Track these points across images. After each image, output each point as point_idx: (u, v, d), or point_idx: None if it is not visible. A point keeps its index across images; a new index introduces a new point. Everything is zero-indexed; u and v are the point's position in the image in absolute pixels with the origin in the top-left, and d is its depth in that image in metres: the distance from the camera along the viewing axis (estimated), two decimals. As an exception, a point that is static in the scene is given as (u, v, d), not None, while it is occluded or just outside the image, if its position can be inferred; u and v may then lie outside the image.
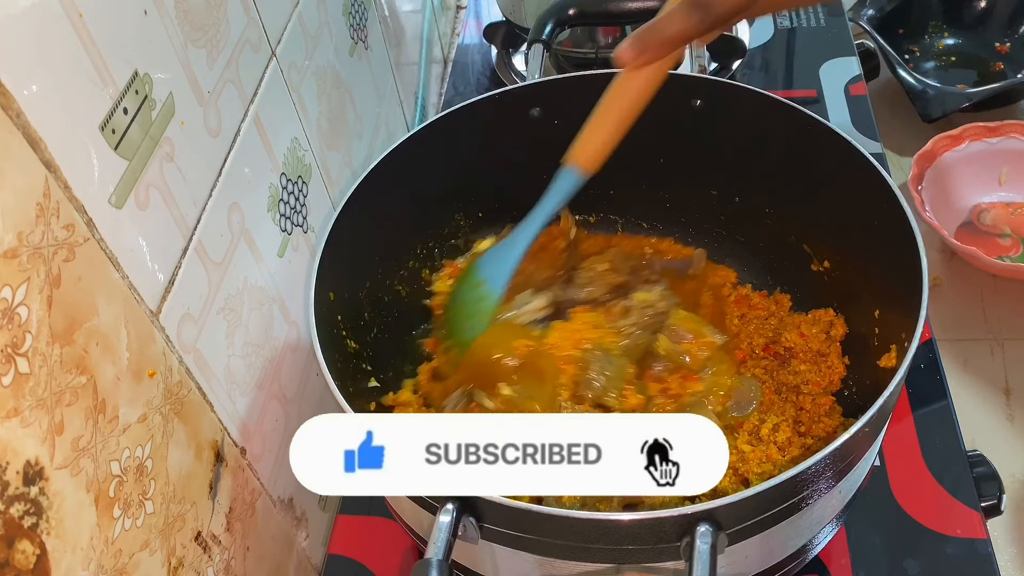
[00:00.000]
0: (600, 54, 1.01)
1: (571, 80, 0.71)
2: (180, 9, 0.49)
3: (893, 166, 1.53)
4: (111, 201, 0.42)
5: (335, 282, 0.59)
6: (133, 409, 0.43)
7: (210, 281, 0.52)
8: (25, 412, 0.35)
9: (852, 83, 1.01)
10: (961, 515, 0.64)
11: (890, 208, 0.56)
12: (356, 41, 0.81)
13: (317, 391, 0.69)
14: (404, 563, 0.66)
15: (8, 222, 0.34)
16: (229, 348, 0.55)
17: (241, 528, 0.56)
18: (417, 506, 0.50)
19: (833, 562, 0.62)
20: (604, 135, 0.57)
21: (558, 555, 0.47)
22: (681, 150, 0.71)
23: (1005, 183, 1.46)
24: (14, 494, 0.34)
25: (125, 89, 0.43)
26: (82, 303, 0.39)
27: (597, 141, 0.57)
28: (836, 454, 0.45)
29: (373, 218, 0.64)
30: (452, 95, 1.09)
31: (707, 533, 0.42)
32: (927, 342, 0.74)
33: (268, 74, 0.61)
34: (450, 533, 0.43)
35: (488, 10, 1.22)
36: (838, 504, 0.53)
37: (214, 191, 0.53)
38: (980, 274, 1.39)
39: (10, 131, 0.35)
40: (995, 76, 1.62)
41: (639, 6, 0.84)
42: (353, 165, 0.79)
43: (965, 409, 0.73)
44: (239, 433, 0.56)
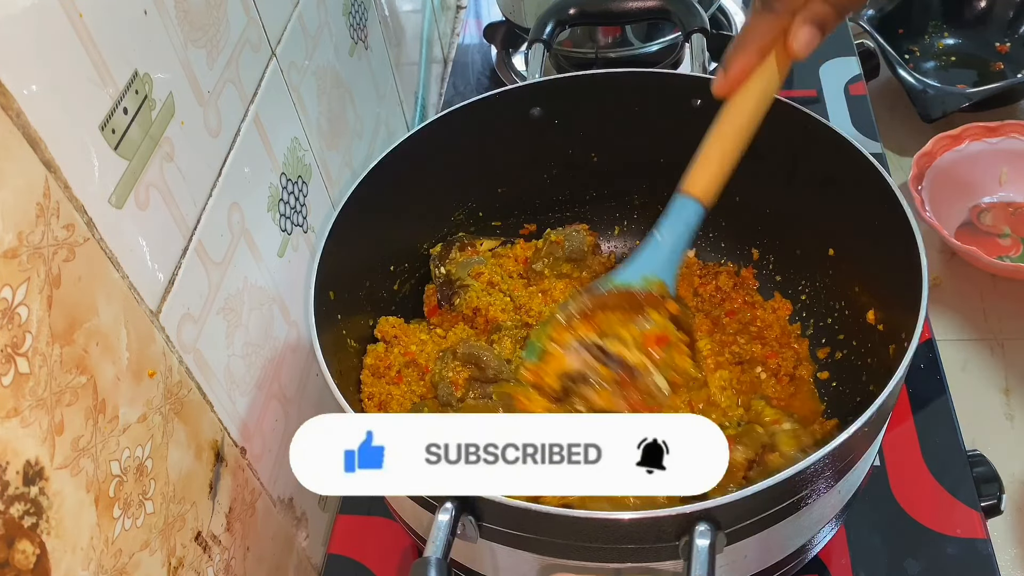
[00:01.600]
0: (600, 54, 1.01)
1: (571, 80, 0.71)
2: (180, 9, 0.49)
3: (893, 166, 1.53)
4: (111, 201, 0.42)
5: (335, 282, 0.59)
6: (133, 409, 0.43)
7: (210, 281, 0.52)
8: (25, 412, 0.35)
9: (852, 83, 1.01)
10: (961, 515, 0.64)
11: (890, 208, 0.56)
12: (356, 41, 0.81)
13: (317, 391, 0.69)
14: (404, 562, 0.66)
15: (8, 222, 0.35)
16: (229, 348, 0.55)
17: (241, 528, 0.56)
18: (416, 505, 0.50)
19: (833, 562, 0.62)
20: (717, 164, 0.53)
21: (557, 554, 0.47)
22: (681, 150, 0.71)
23: (1005, 183, 1.46)
24: (14, 494, 0.35)
25: (125, 89, 0.43)
26: (82, 303, 0.39)
27: (711, 170, 0.53)
28: (835, 454, 0.45)
29: (373, 218, 0.64)
30: (452, 95, 1.09)
31: (706, 532, 0.42)
32: (927, 342, 0.74)
33: (268, 74, 0.61)
34: (449, 532, 0.43)
35: (488, 10, 1.22)
36: (837, 504, 0.53)
37: (214, 191, 0.53)
38: (980, 274, 1.38)
39: (10, 131, 0.35)
40: (995, 76, 1.62)
41: (639, 6, 0.84)
42: (353, 165, 0.79)
43: (965, 409, 0.73)
44: (239, 433, 0.56)
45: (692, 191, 0.53)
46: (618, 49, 1.01)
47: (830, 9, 0.48)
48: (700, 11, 0.81)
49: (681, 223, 0.54)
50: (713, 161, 0.53)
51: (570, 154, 0.74)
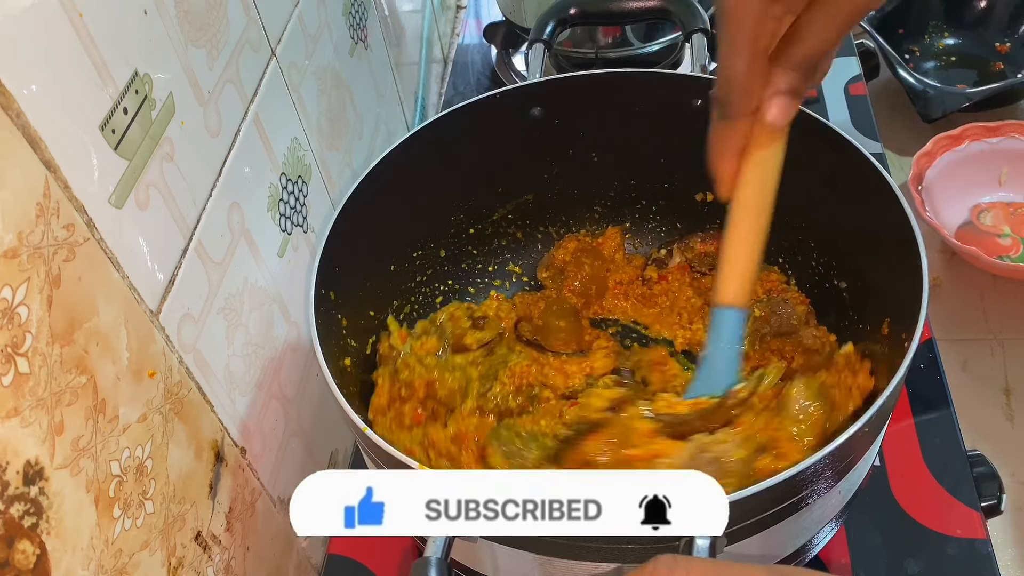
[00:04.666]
0: (600, 54, 1.01)
1: (571, 80, 0.71)
2: (180, 9, 0.49)
3: (893, 166, 1.53)
4: (111, 201, 0.42)
5: (335, 282, 0.59)
6: (133, 409, 0.43)
7: (210, 281, 0.52)
8: (25, 412, 0.35)
9: (852, 83, 1.01)
10: (961, 515, 0.64)
11: (890, 208, 0.56)
12: (356, 41, 0.81)
13: (317, 391, 0.69)
14: (404, 563, 0.66)
15: (8, 222, 0.35)
16: (229, 348, 0.55)
17: (241, 528, 0.56)
18: (417, 506, 0.50)
19: (833, 562, 0.62)
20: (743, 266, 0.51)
21: (557, 554, 0.47)
22: (681, 150, 0.71)
23: (1005, 183, 1.46)
24: (14, 494, 0.35)
25: (125, 89, 0.43)
26: (82, 303, 0.39)
27: (739, 274, 0.51)
28: (836, 454, 0.45)
29: (373, 218, 0.64)
30: (452, 95, 1.09)
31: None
32: (927, 342, 0.74)
33: (268, 74, 0.61)
34: (449, 532, 0.43)
35: (488, 10, 1.22)
36: (838, 504, 0.53)
37: (214, 191, 0.53)
38: (980, 274, 1.38)
39: (10, 131, 0.35)
40: (995, 76, 1.62)
41: (639, 6, 0.84)
42: (353, 165, 0.79)
43: (965, 409, 0.72)
44: (239, 433, 0.56)
45: (728, 301, 0.51)
46: (618, 49, 1.01)
47: (795, 74, 0.45)
48: (700, 11, 0.81)
49: (726, 334, 0.52)
50: (739, 265, 0.51)
51: (570, 154, 0.74)
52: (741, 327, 0.52)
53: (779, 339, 0.65)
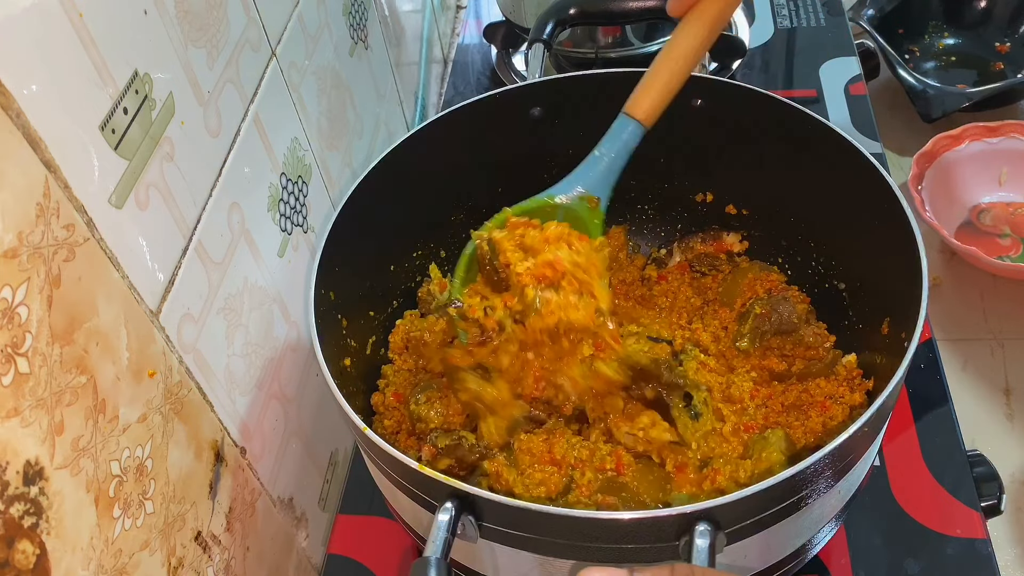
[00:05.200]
0: (600, 54, 1.01)
1: (571, 80, 0.71)
2: (180, 9, 0.49)
3: (893, 166, 1.53)
4: (111, 201, 0.42)
5: (335, 282, 0.59)
6: (133, 409, 0.43)
7: (210, 281, 0.52)
8: (25, 412, 0.35)
9: (852, 83, 1.01)
10: (961, 515, 0.64)
11: (890, 208, 0.56)
12: (356, 41, 0.81)
13: (317, 391, 0.69)
14: (404, 562, 0.66)
15: (8, 222, 0.35)
16: (229, 348, 0.55)
17: (241, 528, 0.56)
18: (416, 504, 0.50)
19: (833, 562, 0.62)
20: (662, 88, 0.55)
21: (557, 554, 0.47)
22: (681, 150, 0.71)
23: (1005, 183, 1.46)
24: (14, 494, 0.35)
25: (125, 89, 0.43)
26: (82, 303, 0.39)
27: (655, 94, 0.55)
28: (835, 454, 0.45)
29: (373, 218, 0.64)
30: (452, 95, 1.09)
31: (706, 532, 0.42)
32: (927, 342, 0.74)
33: (268, 74, 0.61)
34: (449, 531, 0.43)
35: (488, 10, 1.22)
36: (837, 504, 0.53)
37: (214, 191, 0.53)
38: (980, 274, 1.39)
39: (10, 131, 0.35)
40: (995, 76, 1.62)
41: (639, 6, 0.84)
42: (353, 165, 0.79)
43: (965, 409, 0.73)
44: (239, 433, 0.56)
45: (634, 113, 0.56)
46: (618, 49, 1.01)
47: None
48: (700, 11, 0.81)
49: (620, 142, 0.57)
50: (658, 84, 0.55)
51: (570, 154, 0.74)
52: (634, 143, 0.56)
53: (779, 337, 0.65)
